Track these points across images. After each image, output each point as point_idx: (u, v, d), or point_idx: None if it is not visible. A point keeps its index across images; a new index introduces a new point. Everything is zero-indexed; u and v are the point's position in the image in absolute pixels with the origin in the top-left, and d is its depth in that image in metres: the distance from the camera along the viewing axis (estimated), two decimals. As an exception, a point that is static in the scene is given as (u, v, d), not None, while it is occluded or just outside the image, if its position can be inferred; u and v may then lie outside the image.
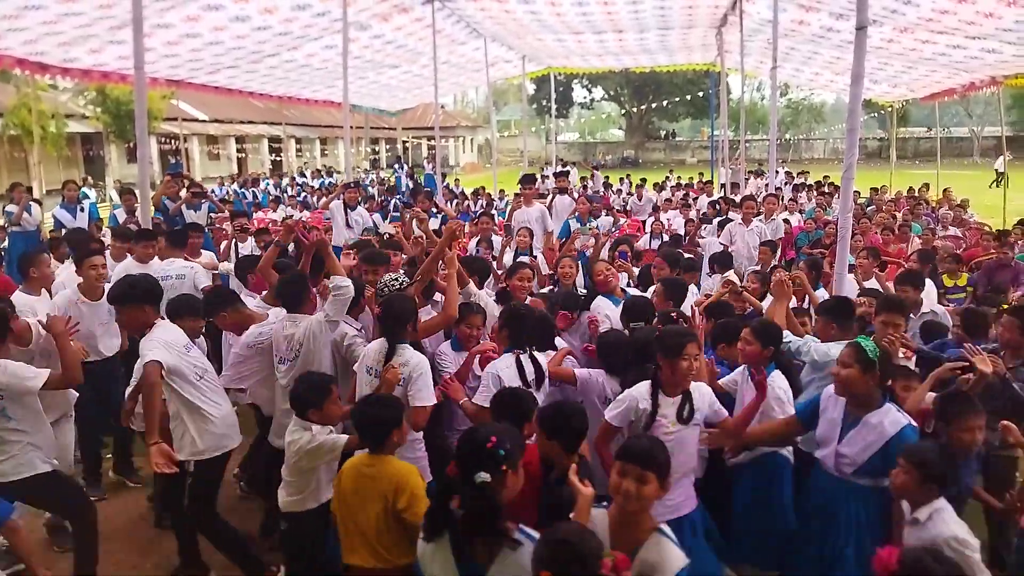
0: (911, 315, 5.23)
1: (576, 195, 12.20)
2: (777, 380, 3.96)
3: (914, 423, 3.44)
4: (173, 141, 27.76)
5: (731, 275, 7.43)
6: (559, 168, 20.50)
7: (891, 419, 3.36)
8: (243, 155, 37.39)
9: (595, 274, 5.28)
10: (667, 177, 22.73)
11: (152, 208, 8.82)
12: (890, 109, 22.41)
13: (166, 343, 4.07)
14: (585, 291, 5.57)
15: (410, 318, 4.06)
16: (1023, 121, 47.88)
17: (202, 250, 7.73)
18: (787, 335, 4.35)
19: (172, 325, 4.28)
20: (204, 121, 33.42)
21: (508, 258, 7.62)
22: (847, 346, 3.52)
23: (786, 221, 10.60)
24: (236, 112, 34.92)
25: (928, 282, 6.37)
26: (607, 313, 4.98)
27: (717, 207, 11.24)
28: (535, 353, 4.09)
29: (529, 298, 5.21)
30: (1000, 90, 14.21)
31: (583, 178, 23.71)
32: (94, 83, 18.37)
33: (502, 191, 18.46)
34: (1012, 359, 4.30)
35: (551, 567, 2.10)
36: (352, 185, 10.15)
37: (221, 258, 7.99)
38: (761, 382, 3.64)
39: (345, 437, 3.60)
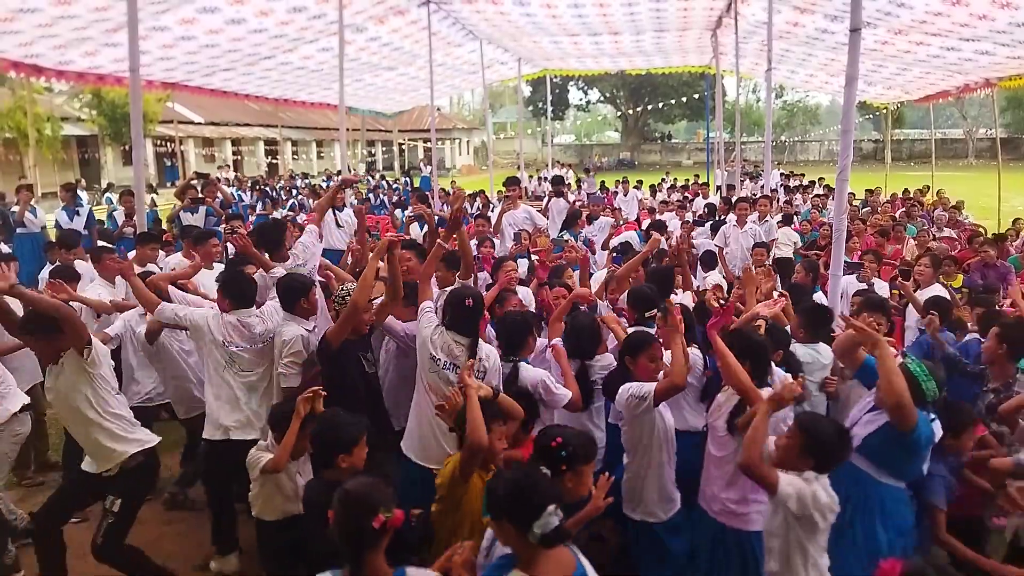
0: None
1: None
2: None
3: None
4: (169, 144, 27.74)
5: (715, 276, 7.48)
6: (555, 172, 20.54)
7: None
8: (239, 157, 37.35)
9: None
10: (663, 179, 22.78)
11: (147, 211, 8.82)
12: (885, 111, 22.49)
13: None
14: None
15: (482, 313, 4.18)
16: (1017, 123, 48.03)
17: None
18: None
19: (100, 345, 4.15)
20: (200, 124, 33.37)
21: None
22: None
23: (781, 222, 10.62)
24: (232, 115, 34.88)
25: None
26: None
27: (713, 210, 11.24)
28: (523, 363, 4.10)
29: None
30: (994, 92, 14.27)
31: (578, 180, 23.80)
32: (89, 86, 18.34)
33: (498, 192, 18.46)
34: (996, 378, 4.29)
35: (335, 508, 2.42)
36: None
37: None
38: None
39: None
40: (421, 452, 3.95)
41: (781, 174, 22.25)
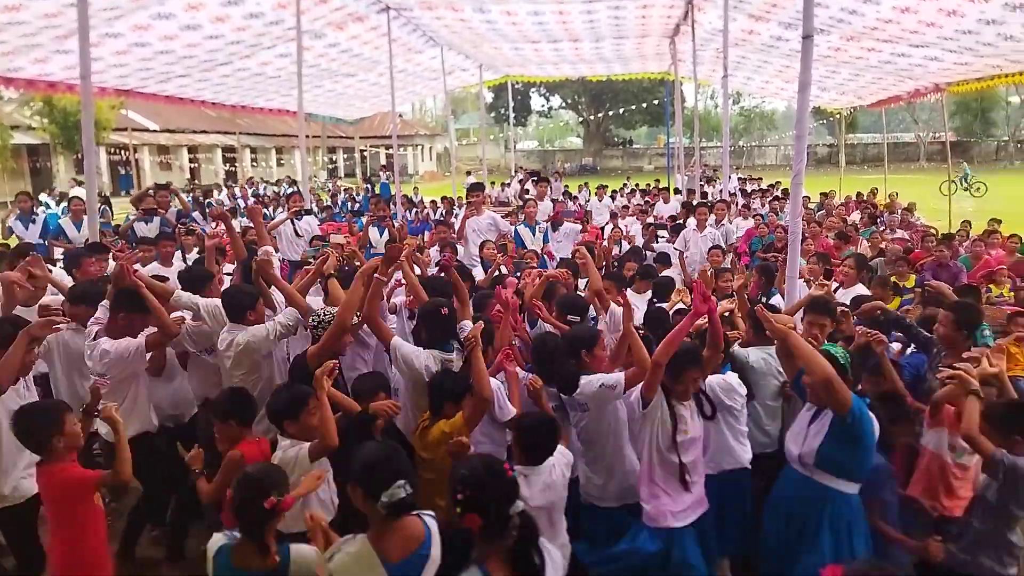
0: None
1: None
2: (731, 378, 4.09)
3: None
4: (123, 152, 27.18)
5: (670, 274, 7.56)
6: (531, 176, 20.58)
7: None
8: (195, 165, 36.74)
9: (531, 307, 5.05)
10: (624, 184, 22.97)
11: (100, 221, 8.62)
12: (838, 116, 22.96)
13: None
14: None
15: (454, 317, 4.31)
16: (966, 126, 49.40)
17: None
18: None
19: None
20: (155, 131, 32.80)
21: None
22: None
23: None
24: (188, 122, 34.34)
25: None
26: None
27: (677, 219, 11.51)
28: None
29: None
30: (944, 96, 14.66)
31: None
32: (40, 93, 17.91)
33: (460, 198, 18.42)
34: (950, 357, 4.32)
35: (235, 490, 2.72)
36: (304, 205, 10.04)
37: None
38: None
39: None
40: None
41: (739, 178, 22.56)
